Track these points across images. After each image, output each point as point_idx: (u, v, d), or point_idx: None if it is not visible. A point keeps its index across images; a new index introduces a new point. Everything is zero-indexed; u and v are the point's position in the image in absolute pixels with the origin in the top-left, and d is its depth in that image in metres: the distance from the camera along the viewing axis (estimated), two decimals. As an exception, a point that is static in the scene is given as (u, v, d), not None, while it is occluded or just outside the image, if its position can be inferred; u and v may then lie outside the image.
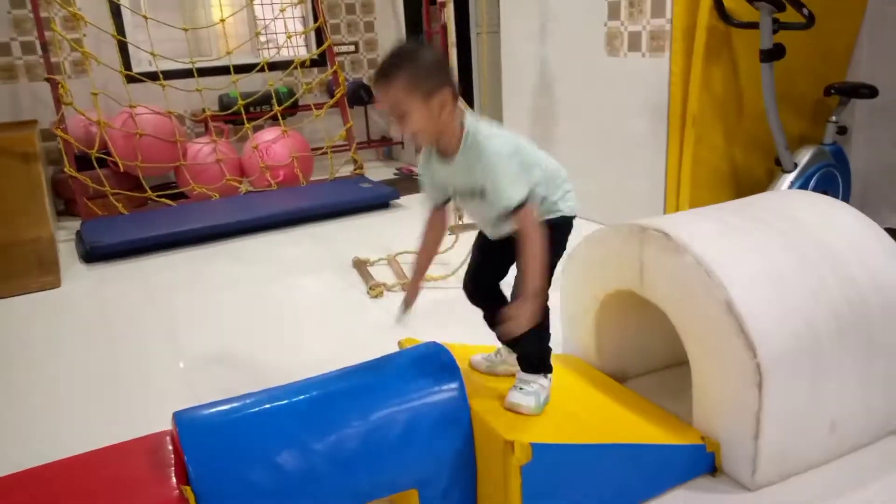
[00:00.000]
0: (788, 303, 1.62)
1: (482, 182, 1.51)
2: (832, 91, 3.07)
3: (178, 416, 1.40)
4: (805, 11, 2.68)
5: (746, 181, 3.22)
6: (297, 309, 3.03)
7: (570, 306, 2.07)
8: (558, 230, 1.64)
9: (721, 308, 1.57)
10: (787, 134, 2.95)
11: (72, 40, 4.40)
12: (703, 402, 1.70)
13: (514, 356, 1.75)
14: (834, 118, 3.06)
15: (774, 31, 2.79)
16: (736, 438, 1.62)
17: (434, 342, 1.75)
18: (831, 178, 3.03)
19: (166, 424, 1.57)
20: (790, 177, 2.97)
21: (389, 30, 5.74)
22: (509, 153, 1.51)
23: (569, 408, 1.72)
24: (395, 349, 1.84)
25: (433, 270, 3.23)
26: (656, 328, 1.92)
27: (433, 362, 1.64)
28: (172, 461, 1.43)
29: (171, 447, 1.47)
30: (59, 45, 4.53)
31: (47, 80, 4.19)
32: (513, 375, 1.72)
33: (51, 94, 4.22)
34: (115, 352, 2.64)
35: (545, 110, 4.03)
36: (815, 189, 2.93)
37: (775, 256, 1.70)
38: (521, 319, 1.49)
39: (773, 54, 2.82)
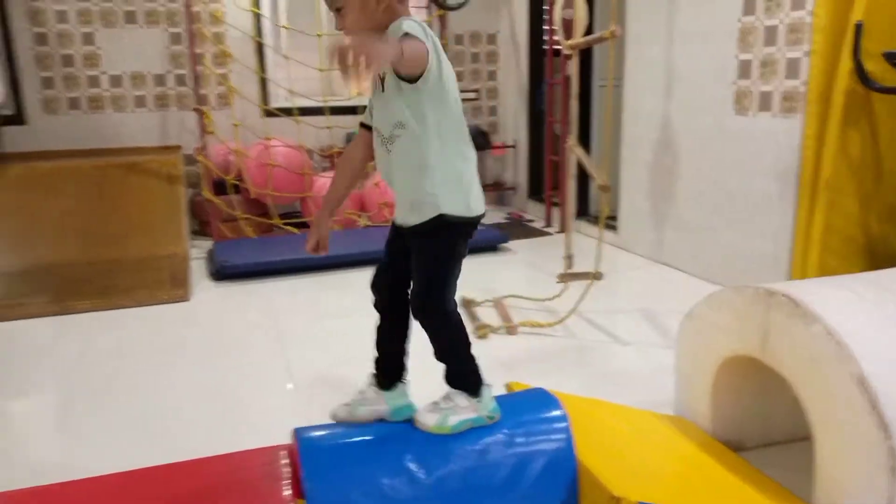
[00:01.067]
0: (930, 385, 1.51)
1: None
2: None
3: (300, 433, 1.47)
4: (958, 79, 2.53)
5: (882, 252, 3.03)
6: (404, 342, 3.10)
7: (686, 368, 2.01)
8: (456, 234, 1.57)
9: (853, 383, 1.48)
10: (931, 206, 2.77)
11: (219, 75, 4.79)
12: (826, 483, 1.59)
13: (381, 395, 1.69)
14: None
15: (922, 98, 2.65)
16: (862, 526, 1.51)
17: (542, 389, 1.75)
18: (980, 257, 2.81)
19: (271, 440, 1.65)
20: (932, 252, 2.78)
21: (511, 78, 5.86)
22: (423, 26, 1.41)
23: (679, 470, 1.66)
24: (500, 391, 1.85)
25: (540, 317, 3.24)
26: (778, 398, 1.83)
27: (542, 409, 1.64)
28: (285, 474, 1.49)
29: (284, 461, 1.54)
30: (208, 79, 4.94)
31: (195, 110, 4.57)
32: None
33: (196, 122, 4.60)
34: (231, 366, 2.79)
35: (666, 166, 3.97)
36: (961, 267, 2.72)
37: (916, 334, 1.59)
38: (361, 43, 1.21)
39: (920, 122, 2.67)
